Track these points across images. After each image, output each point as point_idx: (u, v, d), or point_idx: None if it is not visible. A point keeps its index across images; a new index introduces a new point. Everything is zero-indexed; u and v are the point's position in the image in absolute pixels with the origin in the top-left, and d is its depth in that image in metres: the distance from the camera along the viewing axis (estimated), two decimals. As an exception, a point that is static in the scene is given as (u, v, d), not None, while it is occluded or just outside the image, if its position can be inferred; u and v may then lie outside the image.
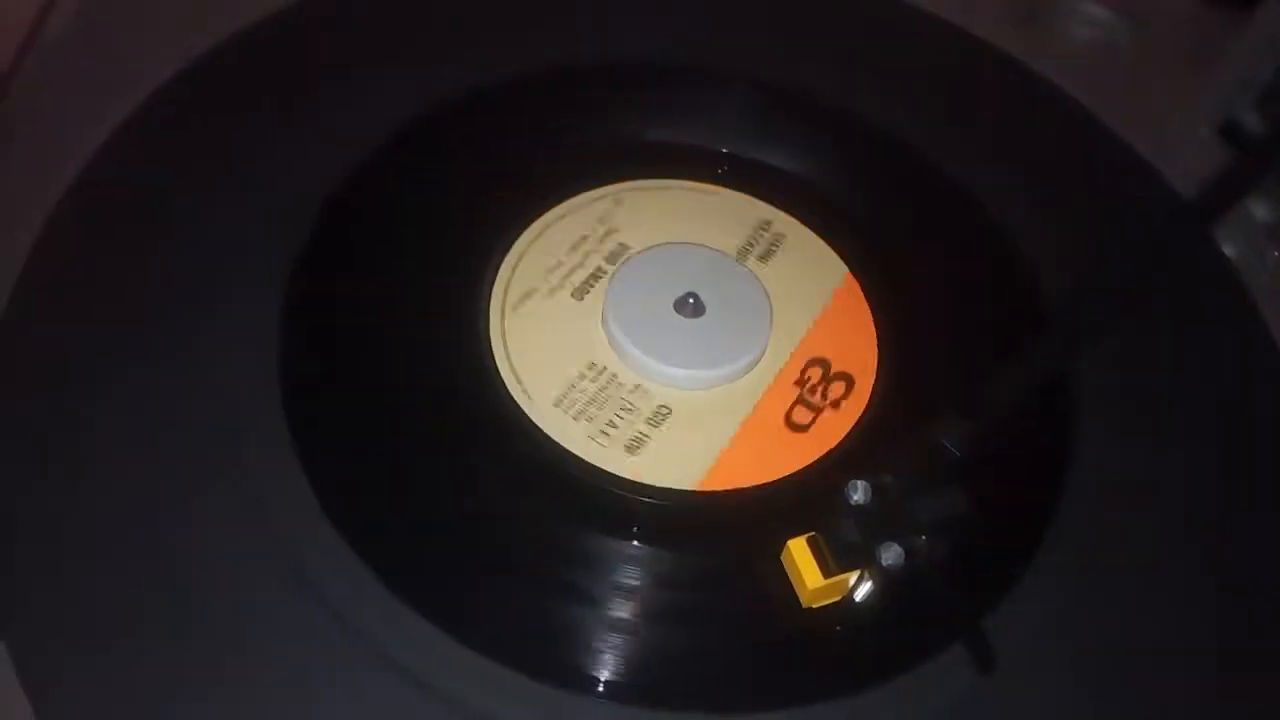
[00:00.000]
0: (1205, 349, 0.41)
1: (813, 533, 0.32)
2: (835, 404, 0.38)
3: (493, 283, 0.39)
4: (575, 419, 0.36)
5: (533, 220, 0.41)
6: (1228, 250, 0.43)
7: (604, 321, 0.38)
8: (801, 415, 0.37)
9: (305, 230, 0.38)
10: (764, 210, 0.42)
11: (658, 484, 0.35)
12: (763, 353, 0.38)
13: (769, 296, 0.39)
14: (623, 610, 0.32)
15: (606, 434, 0.36)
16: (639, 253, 0.40)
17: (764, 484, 0.36)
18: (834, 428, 0.37)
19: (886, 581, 0.31)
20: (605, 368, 0.37)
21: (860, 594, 0.32)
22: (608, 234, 0.41)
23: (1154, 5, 0.51)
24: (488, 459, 0.35)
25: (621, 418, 0.36)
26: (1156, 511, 0.36)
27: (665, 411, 0.37)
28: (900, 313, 0.40)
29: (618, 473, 0.35)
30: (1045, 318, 0.39)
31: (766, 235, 0.41)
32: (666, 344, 0.37)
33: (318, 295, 0.37)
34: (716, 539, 0.35)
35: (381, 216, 0.40)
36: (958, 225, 0.43)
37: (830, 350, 0.39)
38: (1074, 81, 0.47)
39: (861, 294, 0.40)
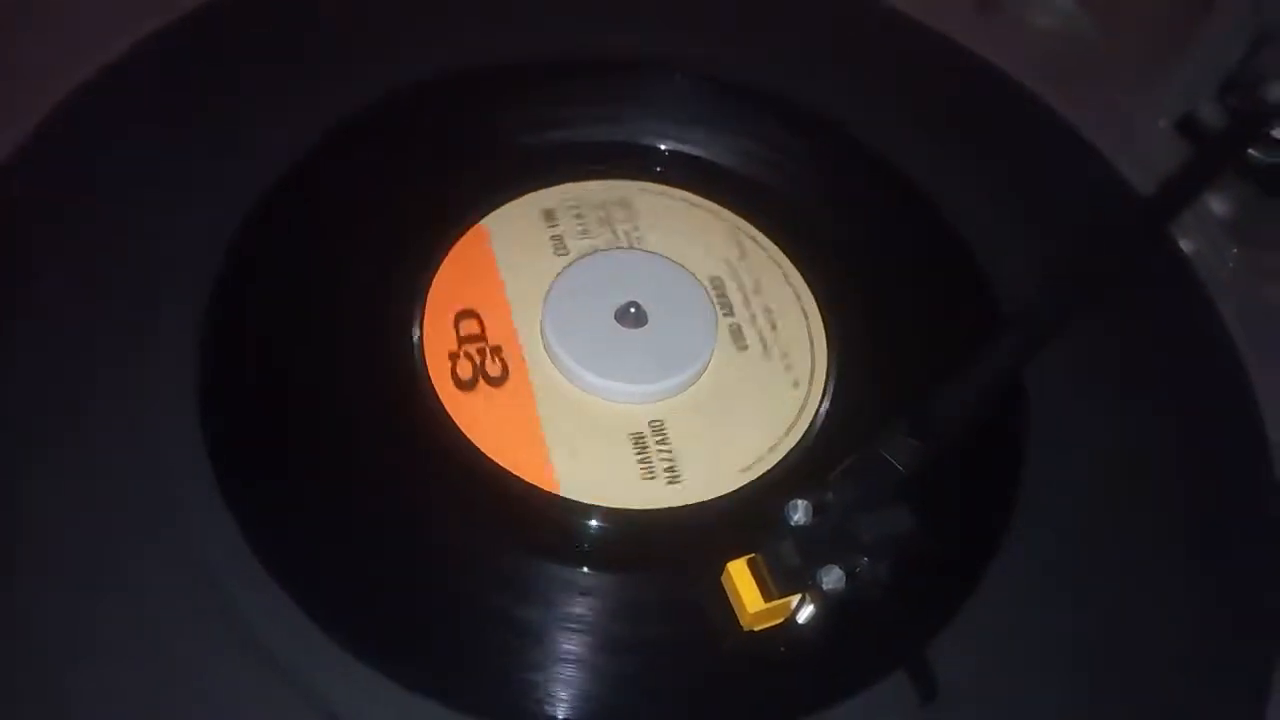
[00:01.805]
0: (1162, 347, 0.40)
1: (753, 554, 0.31)
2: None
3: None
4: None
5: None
6: (1185, 246, 0.42)
7: (547, 346, 0.37)
8: None
9: (220, 253, 0.36)
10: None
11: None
12: (709, 360, 0.37)
13: (710, 293, 0.38)
14: (568, 642, 0.31)
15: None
16: (571, 265, 0.39)
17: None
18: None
19: (828, 604, 0.30)
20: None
21: (803, 616, 0.31)
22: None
23: (1113, -6, 0.50)
24: (444, 502, 0.34)
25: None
26: (1112, 524, 0.35)
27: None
28: (849, 310, 0.39)
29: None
30: (998, 317, 0.38)
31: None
32: (618, 359, 0.36)
33: (239, 321, 0.36)
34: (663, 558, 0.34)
35: (305, 229, 0.38)
36: (909, 220, 0.42)
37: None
38: (1031, 72, 0.46)
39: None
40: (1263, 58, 0.45)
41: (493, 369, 0.36)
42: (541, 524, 0.34)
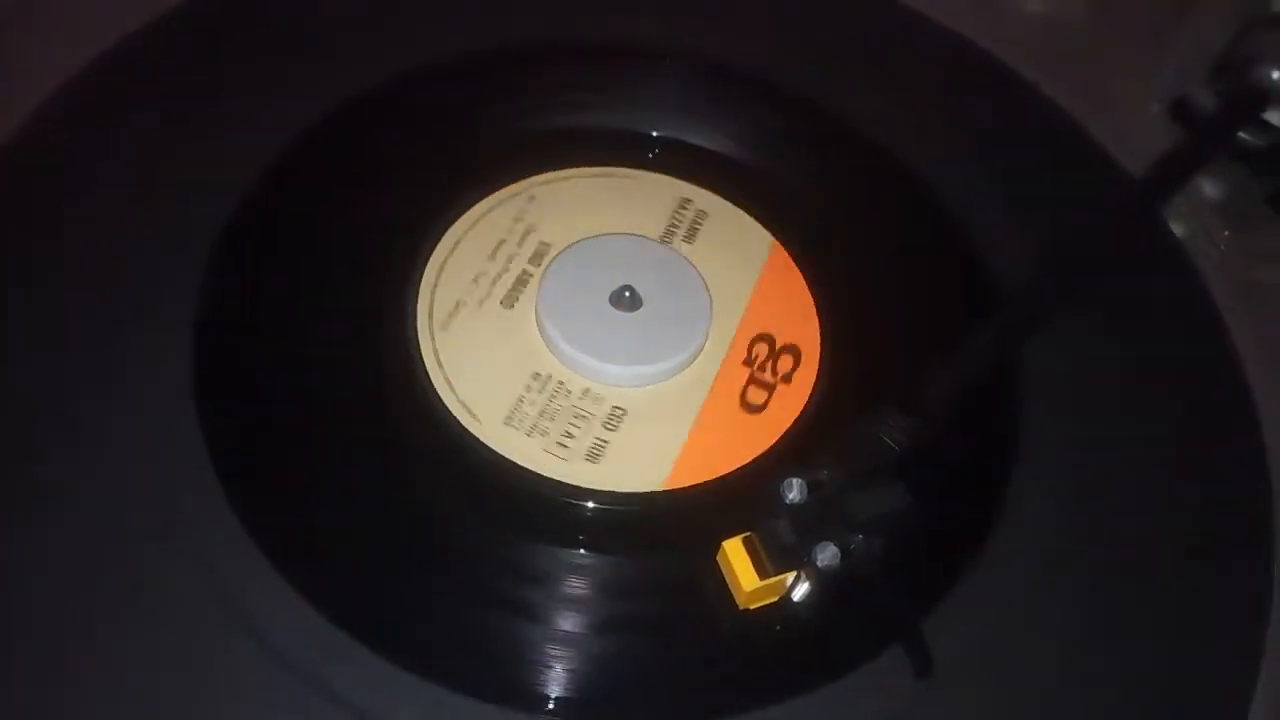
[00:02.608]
0: (1154, 331, 0.40)
1: (749, 533, 0.31)
2: (787, 378, 0.37)
3: (415, 303, 0.37)
4: (529, 435, 0.35)
5: (444, 231, 0.39)
6: (1177, 229, 0.43)
7: (541, 328, 0.37)
8: (756, 395, 0.37)
9: (213, 240, 0.36)
10: (683, 189, 0.41)
11: (624, 489, 0.34)
12: (706, 338, 0.37)
13: (704, 278, 0.38)
14: (562, 622, 0.32)
15: (565, 446, 0.35)
16: (564, 250, 0.39)
17: (730, 473, 0.35)
18: (791, 402, 0.37)
19: (823, 582, 0.30)
20: (550, 376, 0.36)
21: (798, 594, 0.31)
22: (526, 234, 0.39)
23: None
24: (444, 490, 0.34)
25: (577, 426, 0.35)
26: (1106, 503, 0.35)
27: (620, 412, 0.36)
28: (835, 279, 0.39)
29: (584, 484, 0.34)
30: (990, 299, 0.38)
31: (689, 214, 0.41)
32: (609, 343, 0.36)
33: (234, 308, 0.36)
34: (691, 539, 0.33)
35: (280, 249, 0.38)
36: (901, 204, 0.42)
37: (772, 325, 0.38)
38: (1022, 56, 0.46)
39: (792, 263, 0.40)
40: (1252, 41, 0.45)
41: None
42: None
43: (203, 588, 0.30)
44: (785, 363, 0.37)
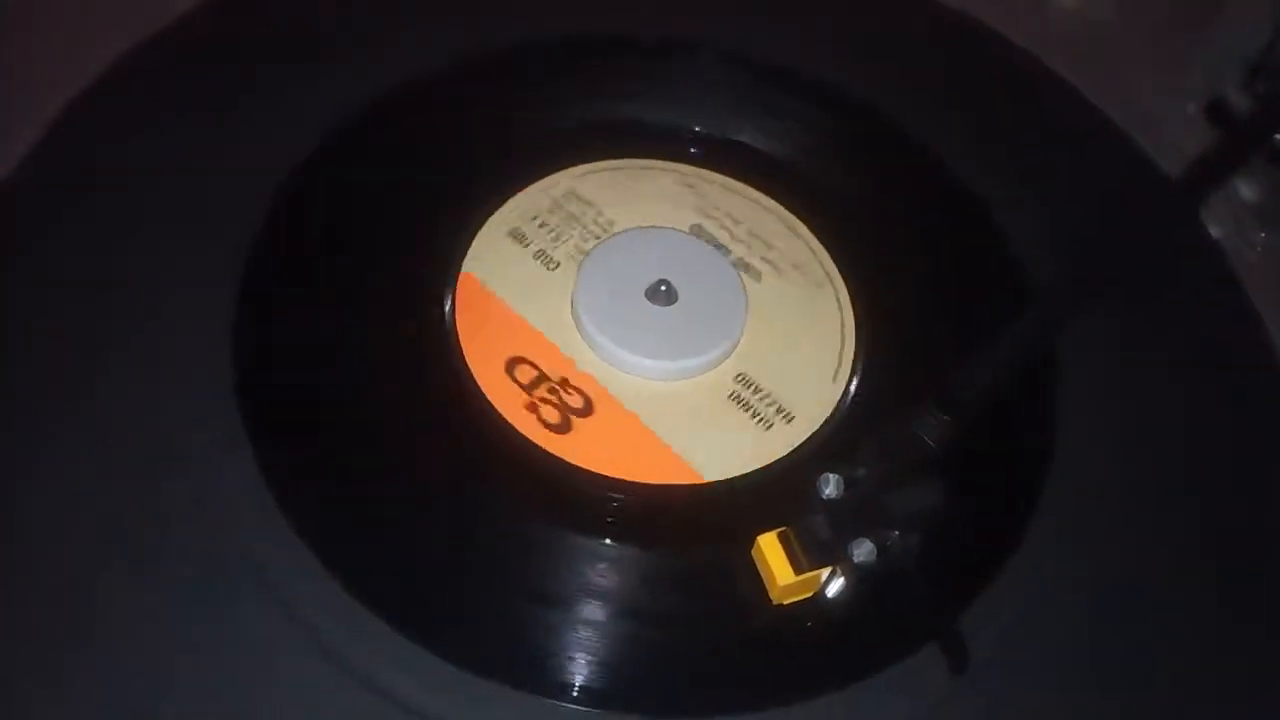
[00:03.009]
0: (1191, 330, 0.40)
1: (784, 528, 0.31)
2: None
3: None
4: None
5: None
6: (1214, 230, 0.42)
7: (575, 316, 0.37)
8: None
9: (255, 230, 0.36)
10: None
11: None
12: (740, 338, 0.37)
13: (742, 280, 0.38)
14: (595, 613, 0.32)
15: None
16: (606, 240, 0.39)
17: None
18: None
19: (859, 578, 0.30)
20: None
21: (832, 590, 0.31)
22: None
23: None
24: (479, 480, 0.34)
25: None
26: (1140, 503, 0.35)
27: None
28: (877, 292, 0.39)
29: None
30: (1025, 296, 0.38)
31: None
32: (641, 335, 0.36)
33: (272, 303, 0.36)
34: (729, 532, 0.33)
35: (333, 215, 0.38)
36: (935, 201, 0.42)
37: None
38: (1058, 56, 0.46)
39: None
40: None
41: (574, 402, 0.36)
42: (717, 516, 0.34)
43: (235, 566, 0.30)
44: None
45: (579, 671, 0.30)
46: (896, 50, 0.45)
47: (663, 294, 0.37)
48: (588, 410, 0.35)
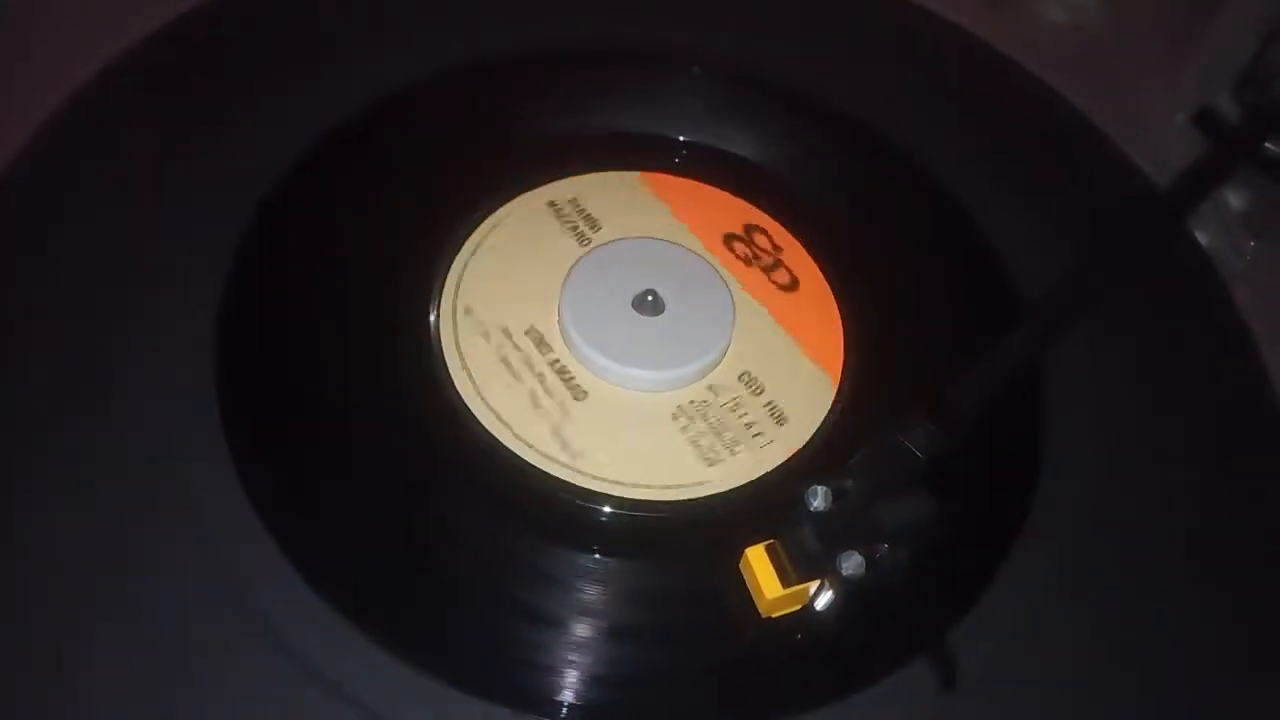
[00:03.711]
0: (1180, 340, 0.40)
1: (771, 540, 0.31)
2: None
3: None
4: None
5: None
6: (1202, 239, 0.42)
7: (561, 323, 0.37)
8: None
9: (237, 240, 0.36)
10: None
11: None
12: (729, 346, 0.37)
13: (730, 288, 0.38)
14: (584, 628, 0.31)
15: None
16: (594, 249, 0.39)
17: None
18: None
19: (848, 591, 0.30)
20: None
21: (821, 603, 0.31)
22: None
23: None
24: (463, 491, 0.34)
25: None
26: (1131, 513, 0.35)
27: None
28: (865, 301, 0.39)
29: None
30: (1014, 308, 0.38)
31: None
32: (628, 345, 0.36)
33: (255, 307, 0.35)
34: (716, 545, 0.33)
35: (317, 224, 0.38)
36: (925, 211, 0.42)
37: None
38: (1048, 67, 0.46)
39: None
40: (1277, 53, 0.45)
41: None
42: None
43: (214, 578, 0.30)
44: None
45: (568, 688, 0.30)
46: (886, 59, 0.45)
47: (649, 304, 0.37)
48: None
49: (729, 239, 0.40)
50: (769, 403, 0.36)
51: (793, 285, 0.39)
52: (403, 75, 0.41)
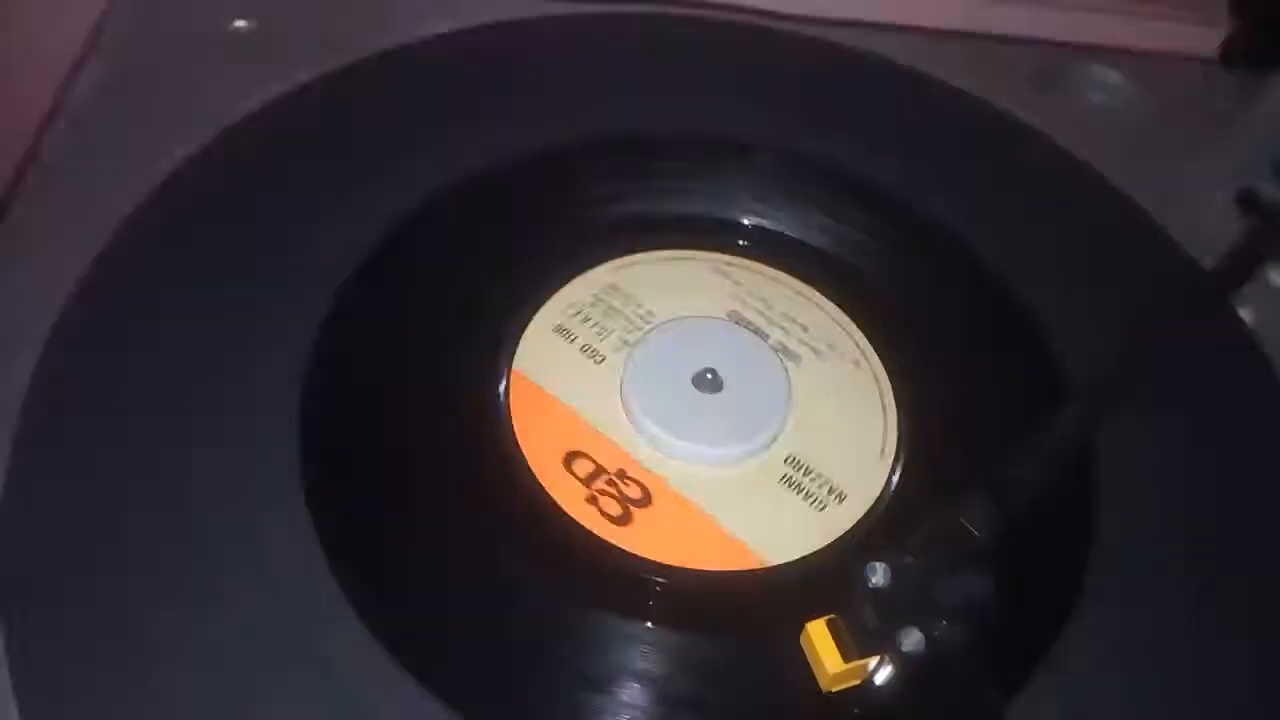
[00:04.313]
0: (1226, 418, 0.40)
1: (832, 615, 0.32)
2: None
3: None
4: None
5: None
6: (1246, 316, 0.43)
7: (626, 407, 0.38)
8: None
9: (315, 323, 0.37)
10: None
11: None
12: (787, 419, 0.38)
13: (787, 371, 0.39)
14: (649, 701, 0.32)
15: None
16: (657, 328, 0.40)
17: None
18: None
19: (907, 667, 0.31)
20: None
21: (881, 678, 0.31)
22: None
23: (1170, 70, 0.51)
24: (571, 591, 0.34)
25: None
26: (1185, 594, 0.35)
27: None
28: (915, 385, 0.40)
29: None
30: (1061, 386, 0.39)
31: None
32: (690, 421, 0.37)
33: (337, 386, 0.37)
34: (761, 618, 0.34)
35: (391, 307, 0.39)
36: (973, 291, 0.43)
37: None
38: (1090, 147, 0.47)
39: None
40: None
41: (632, 493, 0.36)
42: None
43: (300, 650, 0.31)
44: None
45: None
46: (932, 140, 0.47)
47: (709, 381, 0.38)
48: (646, 500, 0.36)
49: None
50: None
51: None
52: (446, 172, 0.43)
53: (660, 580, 0.35)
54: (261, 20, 0.47)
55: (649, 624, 0.33)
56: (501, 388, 0.38)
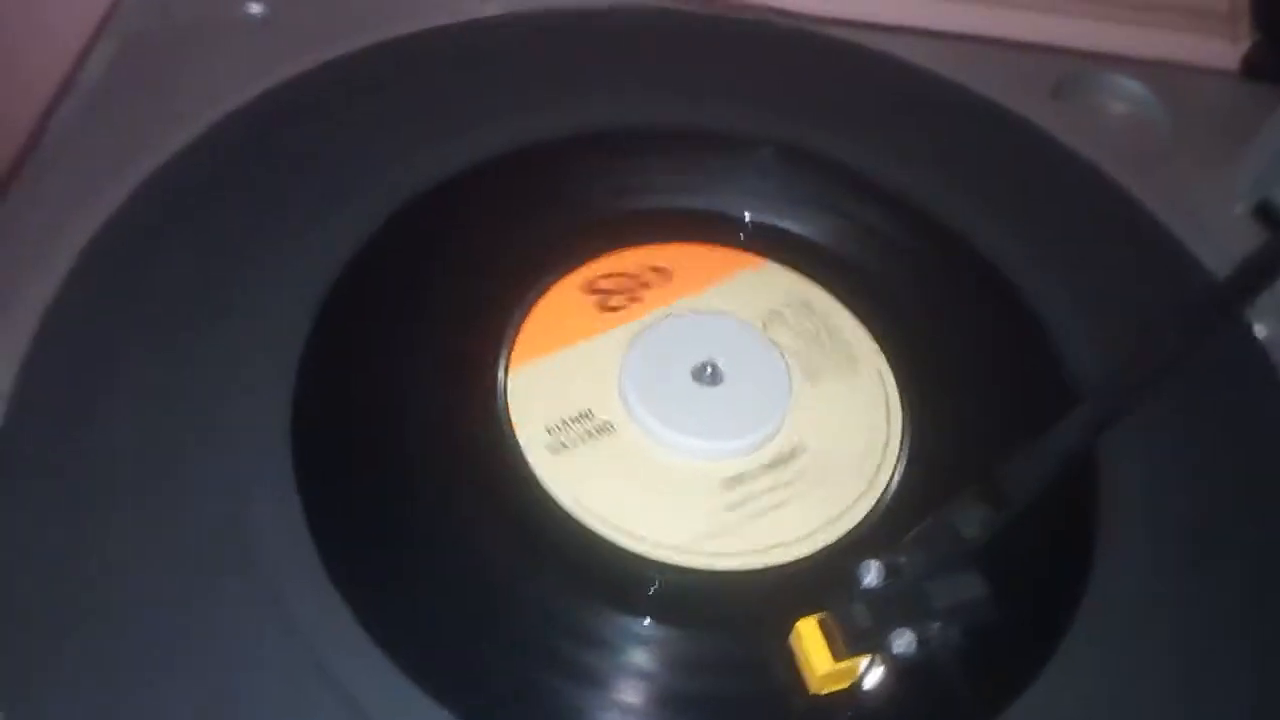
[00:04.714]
0: (1235, 431, 0.40)
1: (823, 614, 0.31)
2: None
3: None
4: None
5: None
6: (1259, 330, 0.42)
7: (622, 394, 0.38)
8: None
9: (311, 312, 0.37)
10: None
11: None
12: (785, 419, 0.38)
13: (787, 364, 0.39)
14: (632, 696, 0.32)
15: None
16: (657, 320, 0.40)
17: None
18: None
19: (898, 669, 0.30)
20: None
21: (871, 680, 0.31)
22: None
23: (1190, 82, 0.51)
24: (564, 585, 0.34)
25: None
26: (1184, 603, 0.35)
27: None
28: (925, 384, 0.40)
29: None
30: (1069, 393, 0.39)
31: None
32: (695, 417, 0.37)
33: (330, 379, 0.36)
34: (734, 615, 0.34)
35: (388, 296, 0.39)
36: (982, 296, 0.42)
37: None
38: (1107, 157, 0.47)
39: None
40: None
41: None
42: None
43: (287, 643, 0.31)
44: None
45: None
46: (947, 146, 0.46)
47: (708, 375, 0.38)
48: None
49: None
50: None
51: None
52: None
53: (660, 576, 0.34)
54: (274, 6, 0.47)
55: (645, 619, 0.33)
56: (499, 376, 0.38)
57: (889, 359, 0.40)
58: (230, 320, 0.37)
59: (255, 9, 0.47)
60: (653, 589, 0.34)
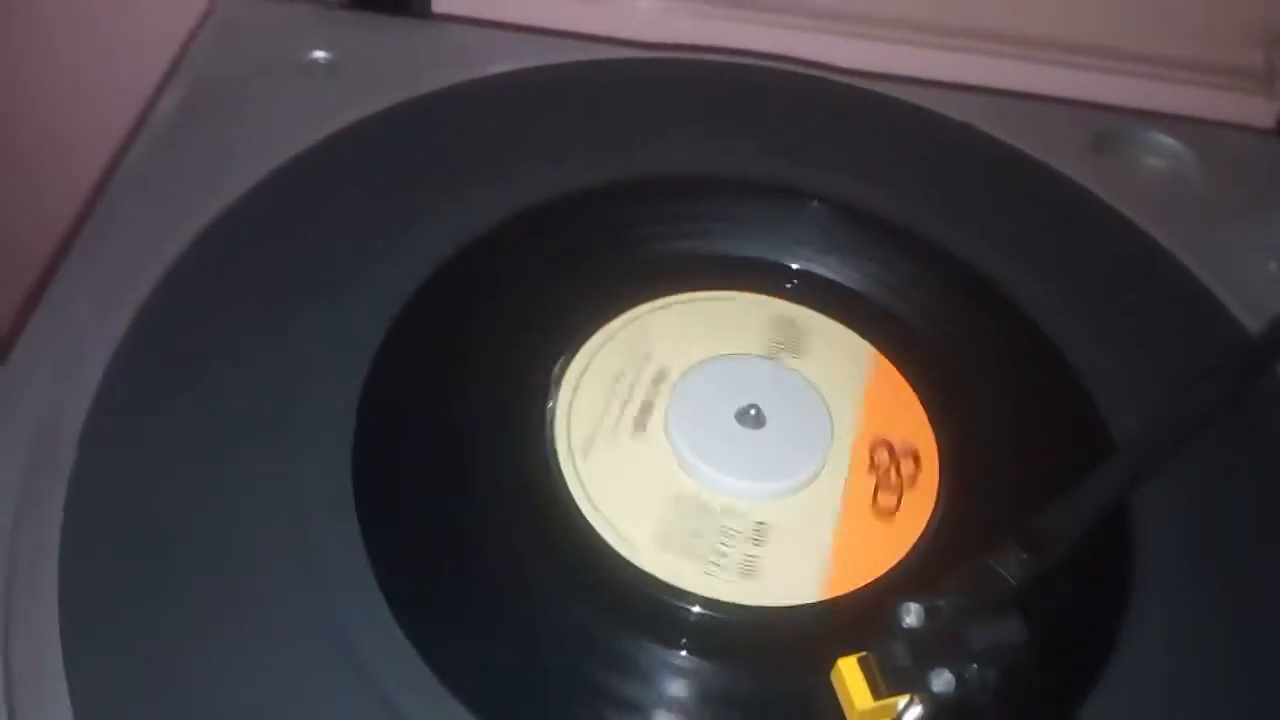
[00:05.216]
0: (1270, 482, 0.40)
1: (864, 653, 0.32)
2: (912, 480, 0.39)
3: (554, 434, 0.39)
4: (683, 557, 0.36)
5: (568, 367, 0.41)
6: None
7: (675, 449, 0.38)
8: (886, 500, 0.38)
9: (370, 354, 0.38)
10: (779, 307, 0.44)
11: (785, 603, 0.35)
12: (830, 449, 0.39)
13: (821, 393, 0.40)
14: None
15: (718, 565, 0.36)
16: (687, 372, 0.41)
17: (880, 578, 0.36)
18: (921, 504, 0.38)
19: (936, 708, 0.31)
20: (692, 496, 0.38)
21: (909, 718, 0.32)
22: (644, 360, 0.41)
23: (1227, 139, 0.52)
24: (612, 620, 0.35)
25: (726, 544, 0.37)
26: (1221, 649, 0.35)
27: (763, 527, 0.37)
28: (963, 427, 0.41)
29: (743, 601, 0.35)
30: (1106, 444, 0.39)
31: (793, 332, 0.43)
32: (740, 459, 0.38)
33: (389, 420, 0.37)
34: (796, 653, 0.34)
35: (444, 342, 0.40)
36: (1020, 346, 0.43)
37: (888, 430, 0.40)
38: (1143, 212, 0.48)
39: (894, 368, 0.42)
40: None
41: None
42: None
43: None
44: (908, 465, 0.39)
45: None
46: (987, 198, 0.47)
47: (752, 418, 0.39)
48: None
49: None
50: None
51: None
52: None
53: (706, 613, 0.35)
54: (340, 52, 0.49)
55: (684, 653, 0.34)
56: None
57: (924, 407, 0.41)
58: (290, 360, 0.38)
59: (320, 55, 0.49)
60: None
